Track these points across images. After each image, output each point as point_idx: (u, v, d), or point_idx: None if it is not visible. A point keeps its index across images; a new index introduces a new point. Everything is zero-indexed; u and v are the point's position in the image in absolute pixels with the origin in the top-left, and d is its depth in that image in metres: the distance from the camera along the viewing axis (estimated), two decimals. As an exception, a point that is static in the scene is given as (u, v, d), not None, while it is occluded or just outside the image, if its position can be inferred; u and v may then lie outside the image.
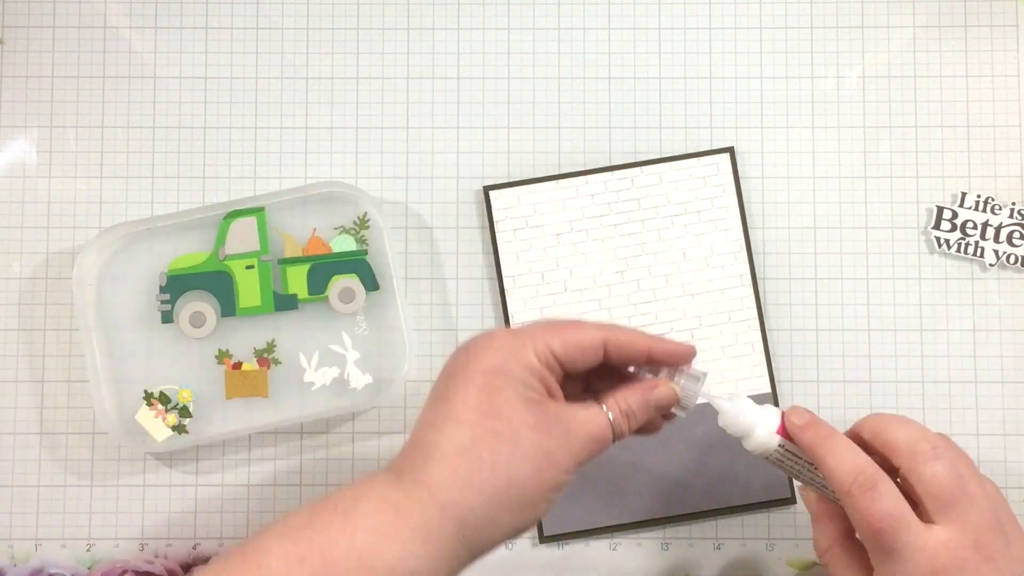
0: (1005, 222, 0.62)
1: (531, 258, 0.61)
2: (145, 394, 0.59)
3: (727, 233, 0.61)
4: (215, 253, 0.60)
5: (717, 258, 0.61)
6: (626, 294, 0.61)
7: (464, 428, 0.44)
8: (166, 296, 0.60)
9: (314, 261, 0.60)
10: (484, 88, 0.63)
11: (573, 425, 0.46)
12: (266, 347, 0.60)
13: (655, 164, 0.62)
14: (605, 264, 0.61)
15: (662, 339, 0.49)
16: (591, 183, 0.62)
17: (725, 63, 0.63)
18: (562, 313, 0.61)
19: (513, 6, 0.64)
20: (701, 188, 0.62)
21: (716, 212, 0.61)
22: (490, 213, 0.62)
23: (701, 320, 0.61)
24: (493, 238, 0.61)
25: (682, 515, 0.60)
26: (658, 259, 0.61)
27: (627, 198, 0.62)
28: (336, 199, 0.61)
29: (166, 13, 0.64)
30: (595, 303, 0.61)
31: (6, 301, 0.62)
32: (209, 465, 0.61)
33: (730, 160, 0.62)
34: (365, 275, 0.60)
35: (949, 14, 0.64)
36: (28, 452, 0.61)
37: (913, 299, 0.62)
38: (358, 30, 0.64)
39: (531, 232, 0.62)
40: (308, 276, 0.60)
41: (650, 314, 0.61)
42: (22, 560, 0.61)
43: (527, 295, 0.61)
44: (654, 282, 0.61)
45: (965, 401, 0.61)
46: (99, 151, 0.63)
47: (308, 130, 0.63)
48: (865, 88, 0.63)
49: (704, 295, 0.61)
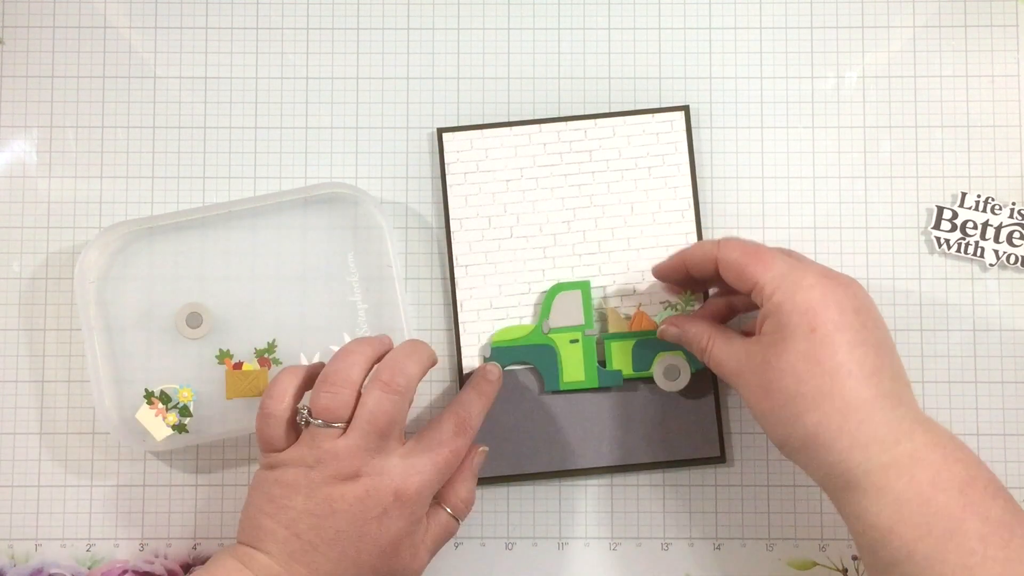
0: (1005, 222, 0.62)
1: (479, 202, 0.62)
2: (145, 393, 0.59)
3: (676, 191, 0.62)
4: (539, 326, 0.60)
5: (665, 215, 0.61)
6: (571, 244, 0.61)
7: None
8: None
9: (639, 337, 0.60)
10: (484, 88, 0.63)
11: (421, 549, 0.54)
12: (266, 347, 0.60)
13: (608, 117, 0.62)
14: (552, 213, 0.62)
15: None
16: (544, 132, 0.62)
17: (725, 63, 0.63)
18: (506, 258, 0.61)
19: (513, 6, 0.64)
20: (654, 144, 0.62)
21: (667, 169, 0.62)
22: (442, 156, 0.62)
23: (644, 275, 0.61)
24: (443, 181, 0.62)
25: (609, 467, 0.60)
26: (606, 212, 0.62)
27: (579, 149, 0.62)
28: (336, 199, 0.61)
29: (166, 13, 0.64)
30: (540, 251, 0.61)
31: (6, 301, 0.62)
32: (209, 465, 0.61)
33: (684, 118, 0.62)
34: (689, 352, 0.59)
35: (949, 14, 0.64)
36: (28, 452, 0.61)
37: (913, 299, 0.62)
38: (358, 30, 0.64)
39: (481, 176, 0.62)
40: (633, 352, 0.60)
41: (594, 266, 0.61)
42: (22, 560, 0.61)
43: (473, 238, 0.61)
44: (600, 234, 0.61)
45: (965, 401, 0.61)
46: (99, 151, 0.63)
47: (308, 130, 0.63)
48: (865, 88, 0.63)
49: (649, 251, 0.61)
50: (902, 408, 0.48)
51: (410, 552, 0.53)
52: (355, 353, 0.53)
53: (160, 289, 0.61)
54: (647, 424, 0.60)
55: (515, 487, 0.61)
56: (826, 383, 0.48)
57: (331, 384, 0.52)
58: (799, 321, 0.49)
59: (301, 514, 0.51)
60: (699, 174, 0.62)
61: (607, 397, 0.60)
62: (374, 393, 0.51)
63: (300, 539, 0.51)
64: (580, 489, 0.61)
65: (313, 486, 0.51)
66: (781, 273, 0.50)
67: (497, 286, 0.61)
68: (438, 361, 0.56)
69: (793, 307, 0.49)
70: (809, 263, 0.52)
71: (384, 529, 0.51)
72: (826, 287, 0.49)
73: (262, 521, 0.52)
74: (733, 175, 0.63)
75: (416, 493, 0.52)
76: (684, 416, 0.60)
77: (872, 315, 0.50)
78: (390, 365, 0.52)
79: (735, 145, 0.63)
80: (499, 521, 0.61)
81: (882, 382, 0.48)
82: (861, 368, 0.48)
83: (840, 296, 0.49)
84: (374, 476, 0.51)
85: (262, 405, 0.53)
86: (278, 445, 0.53)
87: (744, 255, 0.52)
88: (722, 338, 0.54)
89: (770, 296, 0.50)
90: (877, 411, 0.48)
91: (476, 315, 0.61)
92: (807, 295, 0.49)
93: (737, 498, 0.61)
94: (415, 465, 0.52)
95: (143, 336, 0.60)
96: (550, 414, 0.60)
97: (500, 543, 0.61)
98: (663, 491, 0.61)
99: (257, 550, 0.51)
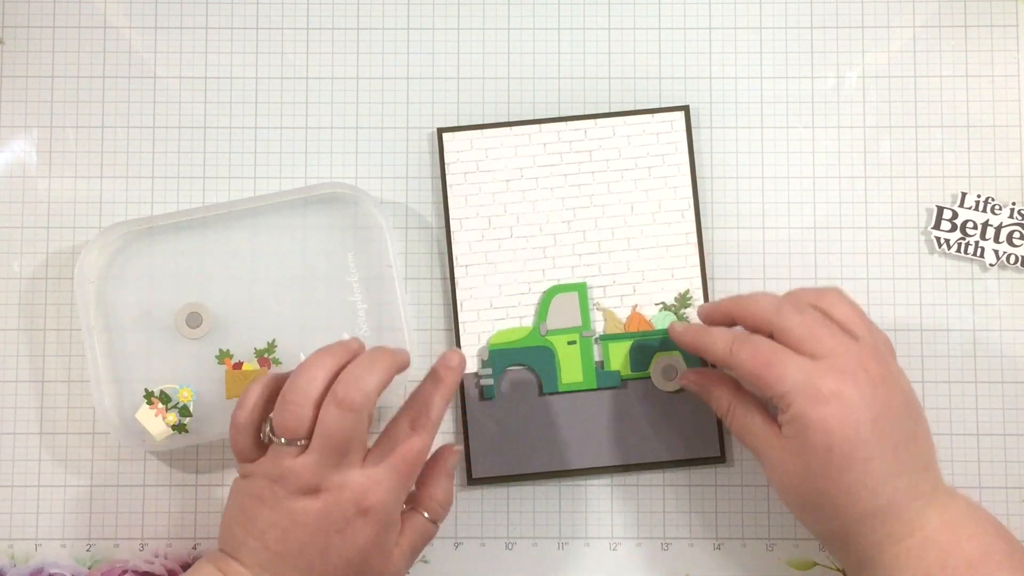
0: (1005, 222, 0.62)
1: (479, 202, 0.62)
2: (145, 393, 0.59)
3: (676, 191, 0.62)
4: (536, 328, 0.60)
5: (665, 215, 0.61)
6: (571, 244, 0.61)
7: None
8: (488, 371, 0.60)
9: (636, 338, 0.60)
10: (484, 88, 0.63)
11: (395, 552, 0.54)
12: (266, 347, 0.60)
13: (608, 117, 0.62)
14: (552, 213, 0.62)
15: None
16: (544, 131, 0.62)
17: (725, 63, 0.63)
18: (506, 258, 0.61)
19: (513, 6, 0.64)
20: (654, 144, 0.62)
21: (667, 169, 0.62)
22: (442, 156, 0.62)
23: (644, 275, 0.61)
24: (443, 181, 0.62)
25: (609, 467, 0.60)
26: (606, 212, 0.62)
27: (579, 149, 0.62)
28: (336, 199, 0.61)
29: (166, 13, 0.64)
30: (540, 251, 0.61)
31: (6, 301, 0.62)
32: (209, 465, 0.61)
33: (684, 118, 0.62)
34: (687, 353, 0.60)
35: (949, 14, 0.64)
36: (28, 452, 0.61)
37: (913, 299, 0.62)
38: (358, 30, 0.64)
39: (481, 176, 0.62)
40: (630, 353, 0.60)
41: (594, 266, 0.61)
42: (22, 560, 0.61)
43: (473, 238, 0.61)
44: (600, 234, 0.61)
45: (965, 401, 0.61)
46: (99, 151, 0.63)
47: (308, 130, 0.63)
48: (865, 88, 0.63)
49: (649, 250, 0.61)
50: (919, 501, 0.50)
51: (381, 560, 0.52)
52: (314, 367, 0.52)
53: (160, 289, 0.61)
54: (646, 424, 0.60)
55: (515, 487, 0.61)
56: (842, 497, 0.50)
57: (289, 403, 0.51)
58: (816, 439, 0.49)
59: (268, 526, 0.51)
60: (699, 174, 0.62)
61: (606, 397, 0.60)
62: (330, 410, 0.50)
63: (269, 550, 0.51)
64: (580, 489, 0.61)
65: (277, 499, 0.51)
66: (796, 386, 0.50)
67: (497, 286, 0.61)
68: (409, 364, 0.55)
69: (810, 423, 0.49)
70: (825, 354, 0.51)
71: (349, 541, 0.51)
72: (842, 400, 0.49)
73: (235, 530, 0.52)
74: (733, 175, 0.63)
75: (379, 504, 0.51)
76: (684, 416, 0.60)
77: (893, 409, 0.50)
78: (346, 381, 0.51)
79: (735, 145, 0.63)
80: (499, 521, 0.61)
81: (899, 481, 0.50)
82: (877, 479, 0.49)
83: (857, 407, 0.49)
84: (334, 491, 0.51)
85: (232, 415, 0.53)
86: (248, 455, 0.53)
87: (757, 366, 0.51)
88: (742, 409, 0.54)
89: (787, 408, 0.50)
90: (891, 516, 0.49)
91: (476, 315, 0.61)
92: (823, 412, 0.49)
93: (737, 498, 0.61)
94: (374, 476, 0.51)
95: (143, 336, 0.60)
96: (549, 414, 0.60)
97: (500, 543, 0.61)
98: (663, 491, 0.61)
99: (232, 558, 0.52)
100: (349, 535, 0.51)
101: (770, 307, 0.53)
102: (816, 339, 0.51)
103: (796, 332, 0.51)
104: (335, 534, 0.51)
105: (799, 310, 0.52)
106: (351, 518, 0.51)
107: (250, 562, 0.51)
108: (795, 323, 0.52)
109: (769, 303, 0.53)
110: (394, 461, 0.52)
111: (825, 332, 0.51)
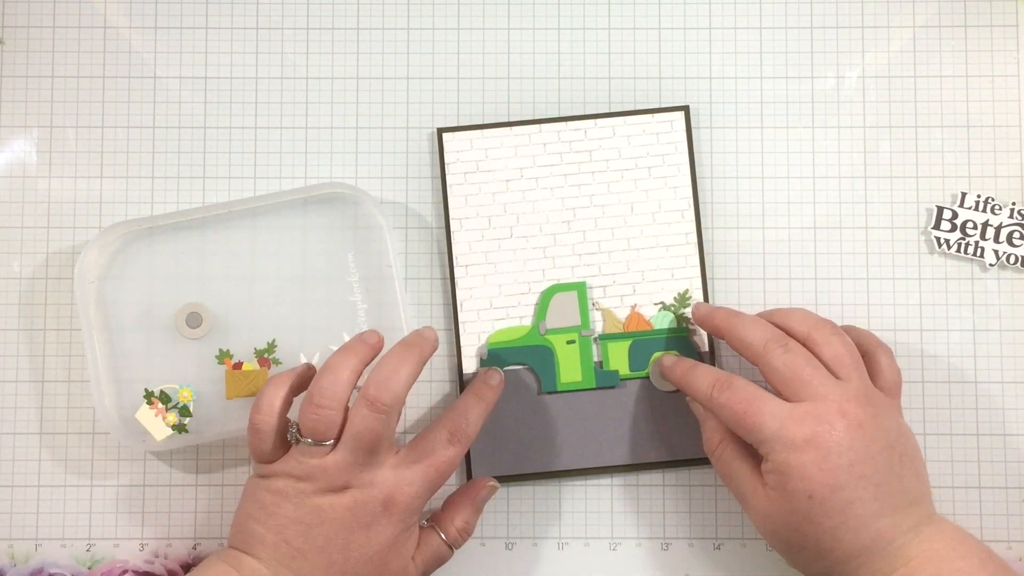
0: (1005, 222, 0.62)
1: (479, 202, 0.62)
2: (145, 392, 0.59)
3: (676, 191, 0.62)
4: (535, 327, 0.61)
5: (664, 215, 0.61)
6: (571, 244, 0.61)
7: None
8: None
9: (635, 337, 0.60)
10: (484, 88, 0.63)
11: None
12: (266, 347, 0.60)
13: (608, 117, 0.62)
14: (552, 213, 0.62)
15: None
16: (544, 132, 0.62)
17: (725, 63, 0.63)
18: (506, 258, 0.61)
19: (513, 6, 0.64)
20: (654, 144, 0.62)
21: (667, 169, 0.62)
22: (442, 155, 0.62)
23: (644, 275, 0.61)
24: (443, 181, 0.62)
25: (608, 467, 0.60)
26: (606, 212, 0.62)
27: (579, 149, 0.62)
28: (336, 199, 0.61)
29: (166, 13, 0.64)
30: (540, 251, 0.61)
31: (6, 301, 0.62)
32: (209, 465, 0.61)
33: (684, 119, 0.62)
34: (687, 351, 0.60)
35: (949, 14, 0.64)
36: (28, 452, 0.61)
37: (913, 299, 0.62)
38: (358, 30, 0.64)
39: (481, 176, 0.62)
40: (629, 352, 0.60)
41: (593, 266, 0.61)
42: (22, 560, 0.61)
43: (473, 238, 0.61)
44: (600, 234, 0.61)
45: (965, 401, 0.61)
46: (99, 151, 0.63)
47: (308, 130, 0.63)
48: (865, 88, 0.63)
49: (648, 250, 0.61)
50: (903, 537, 0.50)
51: (399, 564, 0.53)
52: (340, 368, 0.52)
53: (160, 289, 0.61)
54: (646, 424, 0.60)
55: (515, 487, 0.61)
56: (826, 540, 0.50)
57: (317, 405, 0.52)
58: (796, 487, 0.50)
59: (290, 521, 0.51)
60: (699, 174, 0.62)
61: (605, 397, 0.60)
62: (360, 411, 0.51)
63: (289, 545, 0.51)
64: (580, 489, 0.61)
65: (302, 496, 0.51)
66: (772, 434, 0.51)
67: (497, 286, 0.61)
68: (437, 345, 0.55)
69: (789, 471, 0.50)
70: (806, 397, 0.51)
71: (372, 538, 0.51)
72: (818, 448, 0.50)
73: (252, 527, 0.52)
74: (733, 175, 0.63)
75: (406, 503, 0.52)
76: (683, 416, 0.60)
77: (873, 452, 0.50)
78: (376, 381, 0.52)
79: (735, 145, 0.63)
80: (499, 521, 0.61)
81: (882, 521, 0.50)
82: (859, 520, 0.50)
83: (832, 453, 0.50)
84: (364, 487, 0.52)
85: (250, 419, 0.53)
86: (268, 457, 0.53)
87: (735, 414, 0.52)
88: (731, 451, 0.54)
89: (767, 455, 0.51)
90: (875, 553, 0.50)
91: (476, 315, 0.61)
92: (801, 459, 0.50)
93: (737, 498, 0.61)
94: (405, 476, 0.52)
95: (143, 336, 0.60)
96: (549, 414, 0.60)
97: (500, 543, 0.61)
98: (663, 491, 0.61)
99: (247, 555, 0.52)
100: (373, 531, 0.51)
101: (758, 342, 0.53)
102: (800, 381, 0.52)
103: (780, 373, 0.52)
104: (360, 529, 0.51)
105: (786, 348, 0.53)
106: (378, 514, 0.51)
107: (267, 558, 0.51)
108: (780, 363, 0.52)
109: (758, 337, 0.53)
110: (426, 467, 0.53)
111: (809, 374, 0.52)
